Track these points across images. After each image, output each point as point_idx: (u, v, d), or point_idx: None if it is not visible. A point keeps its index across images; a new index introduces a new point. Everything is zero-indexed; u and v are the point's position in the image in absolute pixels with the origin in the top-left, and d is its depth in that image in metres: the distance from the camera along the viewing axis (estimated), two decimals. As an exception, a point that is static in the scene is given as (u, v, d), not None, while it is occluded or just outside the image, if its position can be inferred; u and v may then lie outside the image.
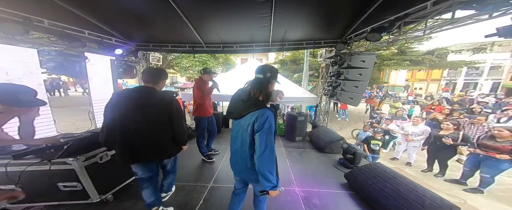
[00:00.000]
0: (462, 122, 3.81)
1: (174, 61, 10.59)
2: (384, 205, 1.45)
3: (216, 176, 2.17)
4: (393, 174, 1.66)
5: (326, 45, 3.68)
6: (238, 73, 4.92)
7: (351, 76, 3.14)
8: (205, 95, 2.23)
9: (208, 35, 3.45)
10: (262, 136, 0.90)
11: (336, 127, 6.50)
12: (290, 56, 11.40)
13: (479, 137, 2.74)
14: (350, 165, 2.36)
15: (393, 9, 2.19)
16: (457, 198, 2.59)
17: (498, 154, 2.44)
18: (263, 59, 17.04)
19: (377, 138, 3.48)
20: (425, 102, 8.62)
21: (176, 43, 3.89)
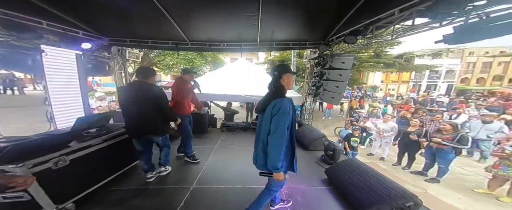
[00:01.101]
0: (424, 119, 4.36)
1: (156, 58, 9.86)
2: (358, 198, 1.55)
3: (199, 177, 2.09)
4: (366, 169, 1.78)
5: (310, 46, 3.82)
6: (227, 72, 4.82)
7: (332, 77, 3.32)
8: (184, 94, 2.24)
9: (193, 32, 3.31)
10: (276, 118, 1.06)
11: (321, 125, 6.81)
12: (278, 57, 11.58)
13: (431, 131, 3.17)
14: (330, 161, 2.46)
15: (367, 14, 2.37)
16: (420, 188, 2.93)
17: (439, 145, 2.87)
18: (253, 59, 17.00)
19: (355, 135, 3.75)
20: (396, 101, 9.59)
21: (157, 39, 3.63)
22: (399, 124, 4.33)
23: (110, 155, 1.80)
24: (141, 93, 1.63)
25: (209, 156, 2.66)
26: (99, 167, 1.71)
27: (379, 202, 1.34)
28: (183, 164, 2.41)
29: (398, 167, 3.72)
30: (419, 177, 3.26)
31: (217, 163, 2.48)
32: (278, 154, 1.06)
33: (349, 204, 1.60)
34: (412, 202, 1.27)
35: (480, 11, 1.41)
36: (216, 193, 1.81)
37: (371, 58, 9.59)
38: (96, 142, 1.64)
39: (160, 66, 10.52)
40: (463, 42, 1.57)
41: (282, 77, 1.16)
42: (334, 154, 2.45)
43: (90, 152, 1.59)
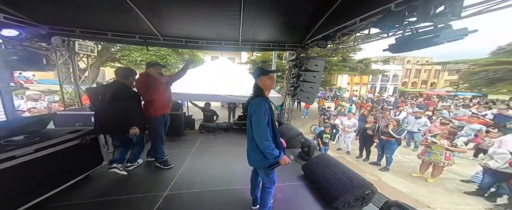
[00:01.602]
0: (377, 116, 5.27)
1: (120, 53, 8.33)
2: (329, 190, 1.72)
3: (174, 182, 1.94)
4: (335, 163, 1.99)
5: (289, 48, 3.99)
6: (207, 71, 4.54)
7: (307, 78, 3.57)
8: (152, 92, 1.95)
9: (166, 27, 2.97)
10: (254, 117, 1.16)
11: (299, 123, 7.30)
12: (260, 57, 11.70)
13: (382, 127, 3.87)
14: (306, 157, 2.65)
15: (336, 22, 2.63)
16: (375, 176, 3.51)
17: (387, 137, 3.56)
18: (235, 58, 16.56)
19: (326, 131, 4.20)
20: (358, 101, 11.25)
21: (120, 32, 3.11)
22: (360, 121, 5.09)
23: (50, 166, 1.50)
24: (118, 93, 1.75)
25: (186, 160, 2.50)
26: (34, 180, 1.39)
27: (345, 193, 1.54)
28: (155, 170, 2.18)
29: (360, 159, 4.35)
30: (375, 167, 3.90)
31: (195, 166, 2.34)
32: (269, 144, 1.15)
33: (322, 197, 1.76)
34: (369, 190, 1.52)
35: (412, 26, 1.74)
36: (193, 198, 1.72)
37: (339, 62, 10.85)
38: (23, 152, 1.31)
39: (124, 63, 8.99)
40: (401, 52, 1.91)
41: (258, 79, 1.27)
42: (309, 150, 2.65)
43: (16, 164, 1.26)
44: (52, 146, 1.52)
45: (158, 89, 1.98)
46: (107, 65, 9.41)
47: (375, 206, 1.55)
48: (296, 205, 1.70)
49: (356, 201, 1.53)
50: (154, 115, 2.01)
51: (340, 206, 1.56)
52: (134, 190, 1.77)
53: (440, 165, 3.14)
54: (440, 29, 1.49)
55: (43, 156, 1.44)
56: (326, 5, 2.24)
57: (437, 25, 1.52)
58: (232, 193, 1.82)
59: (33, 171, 1.38)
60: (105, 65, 8.94)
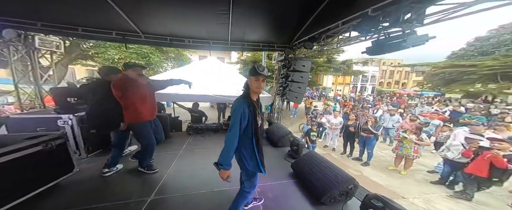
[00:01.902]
0: (359, 114, 5.71)
1: (93, 50, 7.44)
2: (316, 187, 1.80)
3: (160, 186, 1.85)
4: (322, 160, 2.08)
5: (278, 49, 4.06)
6: (194, 71, 4.35)
7: (295, 78, 3.69)
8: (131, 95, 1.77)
9: (148, 23, 2.77)
10: (232, 118, 1.12)
11: (288, 123, 7.48)
12: (251, 57, 11.66)
13: (362, 124, 4.21)
14: (295, 156, 2.72)
15: (321, 24, 2.75)
16: (358, 171, 3.78)
17: (367, 134, 3.88)
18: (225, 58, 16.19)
19: (313, 130, 4.39)
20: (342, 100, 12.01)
21: (93, 27, 2.80)
22: (344, 119, 5.44)
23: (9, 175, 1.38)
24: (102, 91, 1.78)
25: (172, 162, 2.38)
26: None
27: (331, 188, 1.63)
28: (138, 175, 2.04)
29: (344, 155, 4.65)
30: (358, 162, 4.21)
31: (182, 169, 2.25)
32: (227, 151, 1.11)
33: (310, 194, 1.83)
34: (352, 185, 1.63)
35: (385, 31, 1.91)
36: (182, 201, 1.66)
37: (324, 63, 11.42)
38: None
39: (99, 61, 8.07)
40: (376, 54, 2.07)
41: (248, 79, 1.24)
42: (298, 149, 2.72)
43: None
44: (5, 154, 1.34)
45: (136, 92, 1.78)
46: (78, 63, 8.38)
47: (357, 199, 1.66)
48: (286, 202, 1.74)
49: (341, 195, 1.64)
50: (138, 121, 1.85)
51: (326, 201, 1.64)
52: (114, 197, 1.63)
53: (411, 158, 3.53)
54: (407, 35, 1.66)
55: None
56: (312, 7, 2.34)
57: (405, 30, 1.69)
58: (224, 195, 1.79)
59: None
60: (75, 63, 7.93)
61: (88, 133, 2.38)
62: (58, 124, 2.19)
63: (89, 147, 2.47)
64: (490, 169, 2.48)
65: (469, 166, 2.69)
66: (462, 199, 2.78)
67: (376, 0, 1.79)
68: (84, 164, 2.25)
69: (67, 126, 2.21)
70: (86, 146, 2.41)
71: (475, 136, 2.92)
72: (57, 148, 1.71)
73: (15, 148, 1.42)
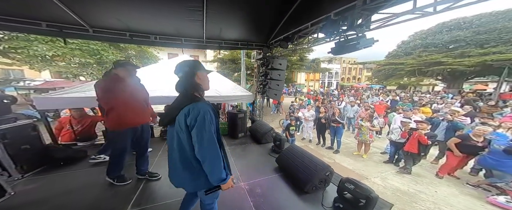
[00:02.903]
0: (327, 107, 6.45)
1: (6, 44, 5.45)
2: (299, 177, 1.88)
3: (136, 197, 1.65)
4: (301, 151, 2.24)
5: (256, 47, 4.07)
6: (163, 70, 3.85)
7: (274, 76, 3.80)
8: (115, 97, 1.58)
9: (98, 16, 2.28)
10: (199, 130, 0.87)
11: (269, 119, 7.70)
12: (228, 56, 11.24)
13: (330, 115, 4.81)
14: (278, 150, 2.85)
15: (293, 25, 2.90)
16: (331, 159, 4.29)
17: (336, 124, 4.47)
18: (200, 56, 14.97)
19: (292, 124, 4.70)
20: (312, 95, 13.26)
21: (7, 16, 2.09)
22: (316, 112, 6.05)
23: None
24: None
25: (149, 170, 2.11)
26: None
27: (312, 177, 1.80)
28: (110, 187, 1.77)
29: (319, 145, 5.18)
30: (330, 151, 4.76)
31: (161, 175, 2.04)
32: (218, 165, 0.92)
33: (295, 185, 1.97)
34: (328, 172, 1.85)
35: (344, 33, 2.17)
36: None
37: (298, 62, 12.25)
38: None
39: (20, 57, 6.04)
40: (338, 54, 2.34)
41: (197, 74, 0.99)
42: (280, 143, 2.86)
43: None
44: None
45: (120, 95, 1.59)
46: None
47: (333, 185, 1.90)
48: (275, 196, 1.82)
49: (320, 183, 1.84)
50: (119, 129, 1.63)
51: (309, 190, 1.81)
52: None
53: (368, 143, 4.28)
54: (360, 38, 1.96)
55: None
56: (284, 8, 2.45)
57: (358, 34, 1.99)
58: None
59: None
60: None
61: (19, 150, 1.89)
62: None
63: (23, 166, 1.96)
64: (418, 146, 3.26)
65: (406, 145, 3.48)
66: (405, 174, 3.53)
67: (337, 5, 2.03)
68: (21, 186, 1.81)
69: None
70: (18, 165, 1.91)
71: (407, 119, 3.77)
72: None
73: None
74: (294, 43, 3.44)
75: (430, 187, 3.12)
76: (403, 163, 3.72)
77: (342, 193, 1.58)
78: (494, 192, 2.75)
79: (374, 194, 1.41)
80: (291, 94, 13.02)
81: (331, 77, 31.31)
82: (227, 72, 10.79)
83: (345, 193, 1.54)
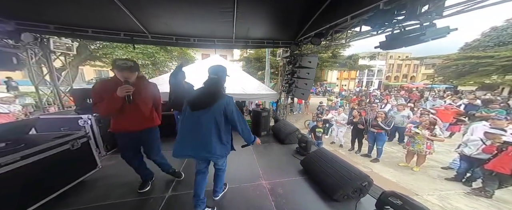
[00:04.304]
0: (367, 109, 5.55)
1: (101, 51, 7.66)
2: (327, 183, 1.76)
3: (175, 183, 1.93)
4: (331, 156, 2.07)
5: (283, 45, 4.00)
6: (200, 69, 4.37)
7: (301, 75, 3.62)
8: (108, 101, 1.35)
9: (154, 24, 2.81)
10: (237, 113, 1.34)
11: (293, 119, 7.43)
12: (253, 54, 11.59)
13: (371, 119, 4.10)
14: (304, 153, 2.71)
15: (328, 19, 2.68)
16: (368, 168, 3.70)
17: (378, 129, 3.76)
18: (227, 55, 16.21)
19: (319, 126, 4.33)
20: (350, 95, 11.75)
21: (103, 29, 2.87)
22: (350, 114, 5.32)
23: (40, 173, 1.47)
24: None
25: (185, 160, 2.45)
26: (24, 189, 1.36)
27: (344, 185, 1.61)
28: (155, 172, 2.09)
29: (352, 151, 4.56)
30: (367, 159, 4.12)
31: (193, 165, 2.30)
32: (249, 132, 1.43)
33: (321, 190, 1.83)
34: (366, 182, 1.61)
35: (400, 24, 1.82)
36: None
37: (330, 59, 11.15)
38: (8, 160, 1.25)
39: (107, 61, 8.31)
40: (391, 49, 2.00)
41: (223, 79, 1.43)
42: (307, 146, 2.71)
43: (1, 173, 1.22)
44: (40, 152, 1.45)
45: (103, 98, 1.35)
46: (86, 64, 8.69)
47: (371, 197, 1.64)
48: (297, 199, 1.75)
49: (354, 192, 1.62)
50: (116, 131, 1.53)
51: (339, 198, 1.63)
52: (135, 193, 1.71)
53: (423, 154, 3.42)
54: (426, 27, 1.59)
55: (31, 164, 1.38)
56: (318, 2, 2.27)
57: (423, 23, 1.61)
58: (235, 190, 1.83)
59: (21, 180, 1.33)
60: (84, 64, 8.24)
61: (106, 132, 2.46)
62: (79, 123, 2.30)
63: (107, 145, 2.57)
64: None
65: (490, 162, 2.56)
66: (481, 196, 2.67)
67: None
68: (105, 161, 2.37)
69: (87, 125, 2.32)
70: (105, 144, 2.52)
71: (496, 130, 2.75)
72: (81, 146, 1.82)
73: (49, 146, 1.54)
74: (328, 39, 3.14)
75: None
76: (480, 183, 2.79)
77: (382, 207, 1.33)
78: None
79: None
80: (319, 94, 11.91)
81: (372, 75, 26.73)
82: (252, 71, 11.05)
83: (388, 207, 1.28)
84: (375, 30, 2.38)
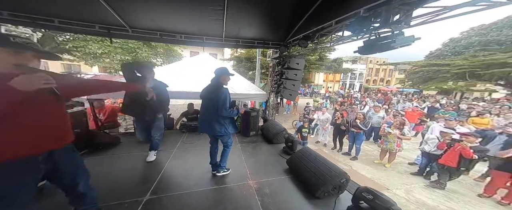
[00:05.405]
0: (348, 110, 5.97)
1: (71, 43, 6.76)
2: (310, 181, 1.83)
3: (155, 186, 1.82)
4: (315, 155, 2.16)
5: (273, 46, 4.04)
6: (187, 67, 4.19)
7: (290, 76, 3.72)
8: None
9: (136, 18, 2.61)
10: (222, 101, 1.78)
11: (282, 119, 7.60)
12: (245, 54, 11.47)
13: (351, 120, 4.44)
14: (290, 152, 2.79)
15: (315, 23, 2.78)
16: (348, 165, 3.99)
17: (357, 129, 4.09)
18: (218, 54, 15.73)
19: (305, 126, 4.52)
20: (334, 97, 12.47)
21: (72, 20, 2.56)
22: (334, 116, 5.66)
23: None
24: None
25: (167, 161, 2.34)
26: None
27: (325, 183, 1.72)
28: (132, 175, 2.00)
29: (334, 150, 4.87)
30: (347, 157, 4.43)
31: (177, 168, 2.22)
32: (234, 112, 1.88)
33: (305, 189, 1.91)
34: (344, 179, 1.74)
35: (376, 31, 1.97)
36: (177, 200, 1.65)
37: (317, 61, 11.65)
38: None
39: (78, 55, 7.39)
40: (367, 54, 2.16)
41: (223, 76, 1.85)
42: (293, 145, 2.79)
43: None
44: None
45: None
46: (52, 57, 7.66)
47: (349, 192, 1.78)
48: (282, 198, 1.80)
49: (334, 189, 1.74)
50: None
51: (321, 195, 1.73)
52: (107, 197, 1.57)
53: (394, 152, 3.82)
54: (396, 35, 1.75)
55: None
56: (306, 5, 2.36)
57: (394, 31, 1.78)
58: (220, 192, 1.81)
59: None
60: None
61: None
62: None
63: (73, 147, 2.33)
64: (459, 159, 2.79)
65: (442, 157, 2.99)
66: (436, 188, 3.09)
67: (368, 1, 1.84)
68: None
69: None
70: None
71: (448, 130, 3.23)
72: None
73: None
74: (314, 42, 3.29)
75: (468, 206, 2.68)
76: (436, 176, 3.24)
77: (357, 203, 1.46)
78: None
79: (396, 207, 1.27)
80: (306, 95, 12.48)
81: (354, 78, 28.77)
82: (242, 71, 10.98)
83: (361, 202, 1.41)
84: (355, 35, 2.56)
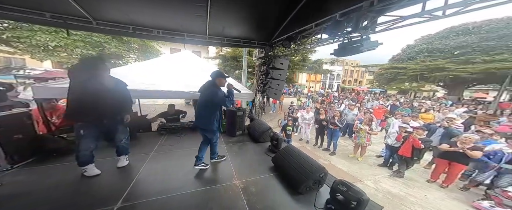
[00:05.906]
0: (327, 108, 6.46)
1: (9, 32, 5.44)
2: (294, 178, 1.89)
3: (128, 192, 1.67)
4: (298, 152, 2.16)
5: (258, 46, 4.05)
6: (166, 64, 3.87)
7: (274, 76, 3.79)
8: None
9: (102, 8, 2.28)
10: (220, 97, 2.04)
11: (268, 118, 7.73)
12: (231, 53, 11.18)
13: (329, 118, 4.83)
14: (275, 150, 2.84)
15: (297, 24, 2.89)
16: (327, 160, 4.33)
17: (334, 126, 4.48)
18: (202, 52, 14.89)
19: (289, 124, 4.72)
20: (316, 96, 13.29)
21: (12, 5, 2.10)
22: (315, 113, 6.05)
23: None
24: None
25: (143, 165, 2.17)
26: None
27: (307, 178, 1.82)
28: (98, 183, 1.80)
29: (316, 147, 5.20)
30: (326, 153, 4.79)
31: (155, 172, 2.08)
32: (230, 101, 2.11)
33: (289, 185, 1.95)
34: (323, 173, 1.87)
35: (348, 35, 2.13)
36: (156, 206, 1.55)
37: (300, 62, 12.19)
38: None
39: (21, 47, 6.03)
40: (341, 56, 2.35)
41: (218, 79, 2.07)
42: (278, 143, 2.86)
43: None
44: None
45: None
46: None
47: (327, 186, 1.92)
48: (268, 196, 1.85)
49: (314, 184, 1.86)
50: None
51: (303, 190, 1.84)
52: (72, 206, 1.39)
53: (365, 146, 4.31)
54: (364, 40, 1.94)
55: None
56: (290, 7, 2.43)
57: (362, 36, 1.96)
58: (205, 194, 1.76)
59: None
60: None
61: (11, 139, 1.88)
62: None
63: (14, 156, 1.95)
64: (412, 150, 3.32)
65: (401, 148, 3.52)
66: (397, 177, 3.60)
67: (343, 6, 2.00)
68: (9, 177, 1.79)
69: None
70: (8, 155, 1.90)
71: (404, 124, 3.81)
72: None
73: None
74: (297, 43, 3.42)
75: (420, 191, 3.19)
76: (397, 166, 3.77)
77: (334, 195, 1.61)
78: (481, 197, 2.87)
79: (365, 196, 1.44)
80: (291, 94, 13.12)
81: (333, 79, 31.18)
82: (228, 70, 10.76)
83: (338, 194, 1.57)
84: (332, 38, 2.77)
